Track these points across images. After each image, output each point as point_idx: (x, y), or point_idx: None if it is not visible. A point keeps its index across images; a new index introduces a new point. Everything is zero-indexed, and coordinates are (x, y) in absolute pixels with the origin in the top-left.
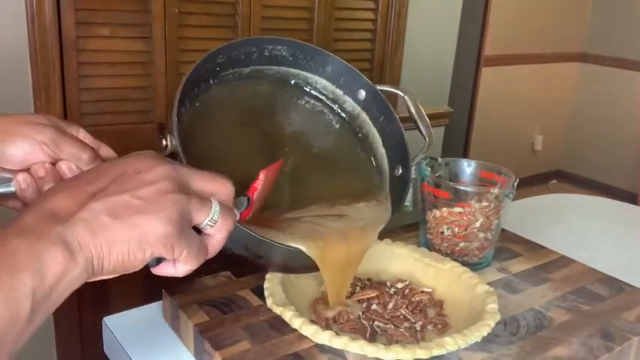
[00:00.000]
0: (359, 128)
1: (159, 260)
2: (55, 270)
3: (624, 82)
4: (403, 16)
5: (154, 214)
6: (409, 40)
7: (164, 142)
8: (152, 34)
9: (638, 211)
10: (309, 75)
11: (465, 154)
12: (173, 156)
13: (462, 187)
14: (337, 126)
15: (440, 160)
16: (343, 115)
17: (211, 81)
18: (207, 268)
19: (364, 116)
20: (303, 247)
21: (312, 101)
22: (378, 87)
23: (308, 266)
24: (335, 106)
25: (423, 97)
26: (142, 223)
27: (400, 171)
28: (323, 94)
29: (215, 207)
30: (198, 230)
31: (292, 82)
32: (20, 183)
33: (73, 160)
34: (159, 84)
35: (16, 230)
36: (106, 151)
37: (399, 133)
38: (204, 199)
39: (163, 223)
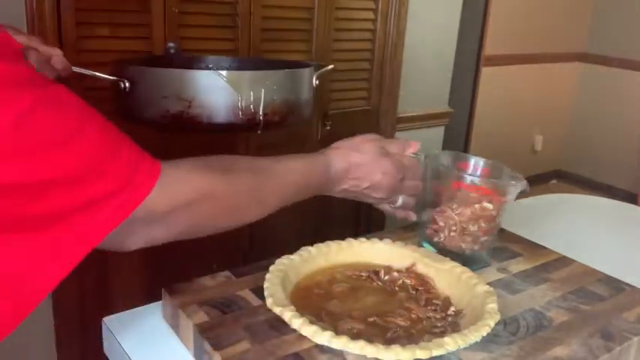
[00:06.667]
0: None
1: None
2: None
3: (624, 82)
4: (403, 16)
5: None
6: (409, 40)
7: None
8: (152, 34)
9: (638, 211)
10: None
11: None
12: None
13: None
14: None
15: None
16: None
17: None
18: (207, 268)
19: None
20: None
21: None
22: None
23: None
24: None
25: (423, 97)
26: (382, 192)
27: None
28: None
29: (399, 202)
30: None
31: None
32: None
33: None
34: None
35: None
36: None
37: None
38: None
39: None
